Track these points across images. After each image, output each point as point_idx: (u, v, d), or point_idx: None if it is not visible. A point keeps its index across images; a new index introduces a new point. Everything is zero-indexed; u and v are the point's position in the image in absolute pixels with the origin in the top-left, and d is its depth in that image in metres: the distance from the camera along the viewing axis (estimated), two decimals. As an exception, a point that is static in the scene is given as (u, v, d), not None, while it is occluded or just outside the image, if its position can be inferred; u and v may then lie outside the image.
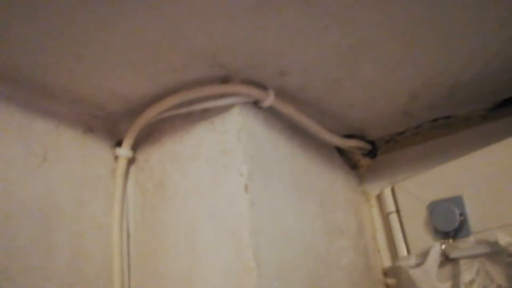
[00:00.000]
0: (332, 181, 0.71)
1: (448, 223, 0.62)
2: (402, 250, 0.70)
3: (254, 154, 0.54)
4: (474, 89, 0.66)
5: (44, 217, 0.52)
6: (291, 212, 0.57)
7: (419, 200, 0.69)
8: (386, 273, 0.74)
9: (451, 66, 0.59)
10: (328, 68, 0.56)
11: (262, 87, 0.57)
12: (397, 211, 0.73)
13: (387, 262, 0.75)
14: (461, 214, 0.61)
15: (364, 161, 0.82)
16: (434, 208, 0.65)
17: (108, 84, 0.55)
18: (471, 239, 0.60)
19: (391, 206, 0.74)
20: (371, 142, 0.80)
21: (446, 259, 0.60)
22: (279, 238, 0.52)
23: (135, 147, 0.62)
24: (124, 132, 0.61)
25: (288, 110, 0.60)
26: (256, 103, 0.58)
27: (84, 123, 0.60)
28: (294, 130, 0.65)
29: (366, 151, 0.81)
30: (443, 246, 0.61)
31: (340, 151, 0.79)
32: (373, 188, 0.81)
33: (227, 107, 0.55)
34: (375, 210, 0.79)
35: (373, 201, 0.80)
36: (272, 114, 0.60)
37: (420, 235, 0.67)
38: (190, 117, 0.59)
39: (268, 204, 0.52)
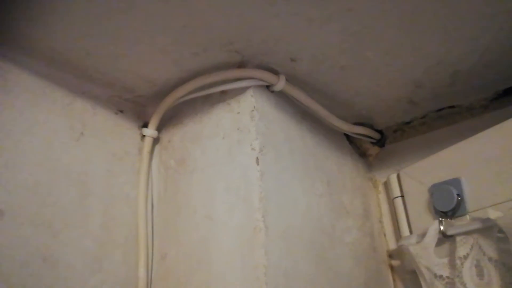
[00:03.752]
0: (340, 165, 0.77)
1: (447, 203, 0.66)
2: (406, 231, 0.75)
3: (265, 132, 0.60)
4: (474, 79, 0.70)
5: (82, 184, 0.59)
6: (298, 186, 0.62)
7: (421, 184, 0.73)
8: (390, 255, 0.79)
9: (450, 54, 0.64)
10: (334, 55, 0.61)
11: (274, 72, 0.63)
12: (402, 195, 0.78)
13: (392, 245, 0.80)
14: (458, 195, 0.66)
15: (373, 150, 0.87)
16: (435, 190, 0.69)
17: (137, 68, 0.62)
18: (467, 217, 0.64)
19: (396, 191, 0.79)
20: (380, 132, 0.85)
21: (444, 236, 0.65)
22: (286, 206, 0.57)
23: (159, 129, 0.70)
24: (150, 114, 0.69)
25: (298, 94, 0.66)
26: (268, 87, 0.64)
27: (116, 105, 0.68)
28: (304, 115, 0.70)
29: (375, 140, 0.86)
30: (441, 225, 0.65)
31: (349, 138, 0.84)
32: (381, 176, 0.85)
33: (242, 90, 0.62)
34: (382, 196, 0.84)
35: (381, 188, 0.85)
36: (283, 98, 0.66)
37: (422, 217, 0.72)
38: (209, 100, 0.65)
39: (277, 176, 0.58)
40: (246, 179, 0.56)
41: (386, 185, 0.83)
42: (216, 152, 0.61)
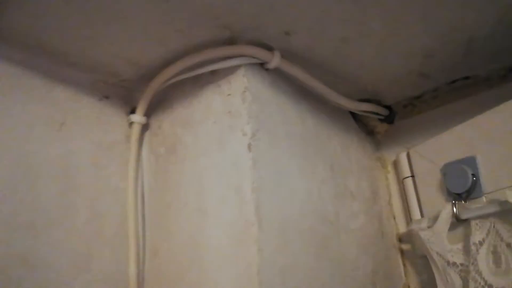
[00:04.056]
0: (345, 146, 0.71)
1: (460, 184, 0.61)
2: (417, 214, 0.70)
3: (258, 115, 0.55)
4: (492, 46, 0.63)
5: (64, 178, 0.55)
6: (297, 172, 0.57)
7: (433, 164, 0.68)
8: (400, 238, 0.74)
9: (465, 19, 0.57)
10: (333, 26, 0.55)
11: (268, 48, 0.57)
12: (412, 175, 0.72)
13: (402, 228, 0.75)
14: (473, 175, 0.60)
15: (381, 127, 0.81)
16: (447, 170, 0.64)
17: (119, 50, 0.57)
18: (483, 199, 0.59)
19: (406, 171, 0.73)
20: (388, 107, 0.79)
21: (457, 220, 0.60)
22: (282, 196, 0.53)
23: (148, 114, 0.65)
24: (138, 100, 0.64)
25: (296, 71, 0.60)
26: (262, 65, 0.58)
27: (100, 90, 0.63)
28: (304, 93, 0.65)
29: (383, 117, 0.80)
30: (455, 208, 0.60)
31: (355, 116, 0.78)
32: (390, 154, 0.80)
33: (233, 69, 0.56)
34: (391, 176, 0.78)
35: (390, 168, 0.79)
36: (280, 76, 0.61)
37: (434, 198, 0.66)
38: (198, 82, 0.60)
39: (272, 163, 0.53)
40: (237, 168, 0.51)
41: (396, 164, 0.77)
42: (207, 138, 0.57)
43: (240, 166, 0.51)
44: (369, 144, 0.79)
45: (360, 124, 0.79)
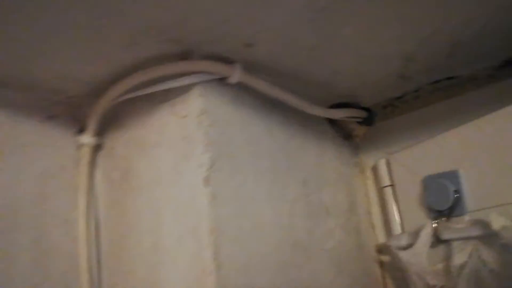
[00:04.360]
0: (319, 156, 0.66)
1: (442, 201, 0.56)
2: (396, 226, 0.66)
3: (218, 139, 0.49)
4: (479, 47, 0.57)
5: (4, 217, 0.49)
6: (264, 199, 0.52)
7: (413, 174, 0.63)
8: (380, 249, 0.70)
9: (450, 22, 0.50)
10: (300, 35, 0.48)
11: (228, 61, 0.51)
12: (392, 184, 0.68)
13: (382, 239, 0.71)
14: (456, 191, 0.56)
15: (360, 130, 0.76)
16: (428, 184, 0.59)
17: (60, 67, 0.50)
18: (466, 218, 0.55)
19: (385, 179, 0.69)
20: (367, 109, 0.74)
21: (438, 240, 0.56)
22: (246, 232, 0.48)
23: (101, 133, 0.58)
24: (88, 116, 0.57)
25: (261, 84, 0.54)
26: (223, 80, 0.52)
27: (43, 110, 0.56)
28: (273, 105, 0.59)
29: (362, 119, 0.74)
30: (436, 225, 0.56)
31: (331, 121, 0.73)
32: (370, 159, 0.75)
33: (189, 87, 0.50)
34: (371, 183, 0.74)
35: (369, 173, 0.74)
36: (244, 90, 0.54)
37: (415, 212, 0.62)
38: (152, 99, 0.54)
39: (234, 194, 0.48)
40: (194, 205, 0.46)
41: (375, 171, 0.72)
42: (162, 166, 0.51)
43: (196, 203, 0.45)
44: (346, 149, 0.74)
45: (337, 128, 0.73)
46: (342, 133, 0.75)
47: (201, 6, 0.41)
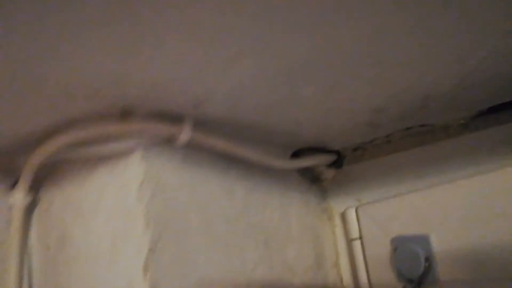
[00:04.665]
0: (283, 210, 0.61)
1: (412, 268, 0.52)
2: (365, 285, 0.61)
3: (161, 214, 0.43)
4: (453, 99, 0.53)
5: None
6: (218, 271, 0.47)
7: (383, 231, 0.59)
8: (348, 304, 0.66)
9: (424, 80, 0.46)
10: (258, 94, 0.43)
11: (176, 118, 0.45)
12: (361, 237, 0.63)
13: (350, 291, 0.67)
14: (427, 259, 0.51)
15: (328, 173, 0.71)
16: (398, 247, 0.55)
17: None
18: (438, 290, 0.51)
19: (354, 232, 0.64)
20: (335, 152, 0.69)
21: (407, 312, 0.51)
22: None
23: (36, 188, 0.52)
24: (21, 169, 0.50)
25: (215, 141, 0.48)
26: (170, 140, 0.46)
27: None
28: (231, 159, 0.53)
29: (330, 162, 0.69)
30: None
31: (298, 164, 0.68)
32: (338, 204, 0.70)
33: (130, 149, 0.44)
34: (339, 231, 0.69)
35: (337, 220, 0.70)
36: (195, 149, 0.48)
37: (384, 274, 0.58)
38: (90, 157, 0.47)
39: (181, 278, 0.42)
40: (131, 295, 0.40)
41: (343, 219, 0.68)
42: (99, 239, 0.44)
43: (134, 293, 0.39)
44: (313, 195, 0.69)
45: (303, 172, 0.69)
46: (309, 176, 0.70)
47: (142, 67, 0.35)
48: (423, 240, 0.52)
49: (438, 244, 0.52)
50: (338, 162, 0.70)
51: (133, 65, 0.34)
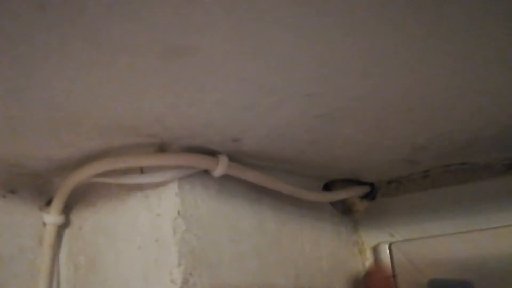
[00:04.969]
0: (315, 241, 0.59)
1: (450, 317, 0.49)
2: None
3: (195, 246, 0.42)
4: (499, 140, 0.51)
5: None
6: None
7: (418, 272, 0.56)
8: None
9: (473, 122, 0.44)
10: (296, 134, 0.42)
11: (211, 152, 0.44)
12: (394, 276, 0.61)
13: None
14: (468, 309, 0.49)
15: (361, 205, 0.69)
16: (435, 291, 0.52)
17: (23, 148, 0.44)
18: None
19: (387, 269, 0.62)
20: (369, 184, 0.67)
21: None
22: None
23: (68, 208, 0.52)
24: (56, 189, 0.51)
25: (249, 175, 0.47)
26: (205, 172, 0.45)
27: (3, 184, 0.50)
28: (264, 191, 0.52)
29: (363, 193, 0.67)
30: None
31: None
32: (370, 238, 0.68)
33: (166, 180, 0.43)
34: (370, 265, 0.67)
35: (368, 253, 0.68)
36: (230, 181, 0.48)
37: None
38: (126, 185, 0.47)
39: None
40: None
41: (375, 254, 0.66)
42: (130, 266, 0.44)
43: (164, 327, 0.39)
44: (345, 227, 0.67)
45: (335, 202, 0.67)
46: (341, 207, 0.68)
47: (180, 109, 0.35)
48: (466, 286, 0.50)
49: (479, 293, 0.49)
50: (372, 194, 0.68)
51: (173, 107, 0.34)
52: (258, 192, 0.52)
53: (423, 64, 0.31)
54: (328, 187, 0.65)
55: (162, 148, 0.43)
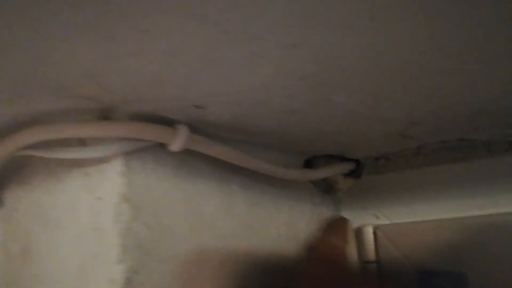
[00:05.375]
0: (291, 224, 0.52)
1: (442, 314, 0.44)
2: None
3: (146, 236, 0.34)
4: (506, 115, 0.44)
5: None
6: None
7: (406, 260, 0.51)
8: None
9: (476, 96, 0.37)
10: (276, 99, 0.34)
11: (170, 122, 0.36)
12: (377, 261, 0.55)
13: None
14: (461, 306, 0.43)
15: (344, 183, 0.62)
16: (423, 284, 0.47)
17: None
18: None
19: (370, 253, 0.56)
20: (355, 161, 0.60)
21: None
22: None
23: (1, 185, 0.43)
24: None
25: (216, 149, 0.39)
26: (161, 146, 0.37)
27: None
28: (234, 168, 0.44)
29: (348, 171, 0.60)
30: None
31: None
32: (353, 219, 0.62)
33: (109, 156, 0.35)
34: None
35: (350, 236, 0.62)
36: (191, 156, 0.40)
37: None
38: (64, 161, 0.38)
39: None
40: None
41: (358, 236, 0.60)
42: (67, 258, 0.36)
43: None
44: (326, 207, 0.60)
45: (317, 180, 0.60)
46: (322, 185, 0.61)
47: (116, 62, 0.26)
48: (457, 278, 0.44)
49: (474, 285, 0.43)
50: (357, 171, 0.61)
51: (109, 58, 0.25)
52: (228, 170, 0.44)
53: (436, 21, 0.22)
54: (309, 163, 0.58)
55: (105, 116, 0.34)
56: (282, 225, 0.51)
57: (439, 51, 0.27)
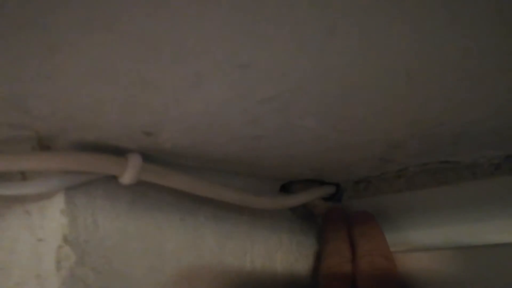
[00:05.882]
0: (268, 256, 0.49)
1: None
2: None
3: (94, 283, 0.30)
4: (488, 136, 0.42)
5: None
6: None
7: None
8: None
9: (467, 113, 0.34)
10: (236, 124, 0.31)
11: (121, 151, 0.32)
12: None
13: None
14: None
15: (323, 207, 0.59)
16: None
17: None
18: None
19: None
20: (335, 184, 0.57)
21: None
22: None
23: None
24: None
25: (175, 180, 0.35)
26: (115, 177, 0.33)
27: None
28: (200, 198, 0.40)
29: (327, 195, 0.57)
30: None
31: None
32: (333, 246, 0.58)
33: (50, 192, 0.31)
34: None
35: (332, 266, 0.58)
36: (152, 186, 0.36)
37: None
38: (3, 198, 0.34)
39: None
40: None
41: (340, 266, 0.56)
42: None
43: None
44: (305, 236, 0.57)
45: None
46: (300, 211, 0.58)
47: (37, 83, 0.22)
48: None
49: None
50: (337, 195, 0.57)
51: (27, 79, 0.21)
52: (193, 199, 0.40)
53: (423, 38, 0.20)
54: (286, 188, 0.55)
55: (45, 146, 0.30)
56: (257, 258, 0.47)
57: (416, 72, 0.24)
